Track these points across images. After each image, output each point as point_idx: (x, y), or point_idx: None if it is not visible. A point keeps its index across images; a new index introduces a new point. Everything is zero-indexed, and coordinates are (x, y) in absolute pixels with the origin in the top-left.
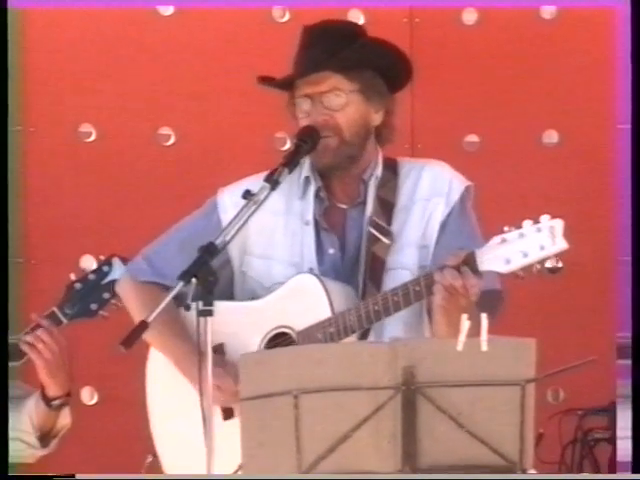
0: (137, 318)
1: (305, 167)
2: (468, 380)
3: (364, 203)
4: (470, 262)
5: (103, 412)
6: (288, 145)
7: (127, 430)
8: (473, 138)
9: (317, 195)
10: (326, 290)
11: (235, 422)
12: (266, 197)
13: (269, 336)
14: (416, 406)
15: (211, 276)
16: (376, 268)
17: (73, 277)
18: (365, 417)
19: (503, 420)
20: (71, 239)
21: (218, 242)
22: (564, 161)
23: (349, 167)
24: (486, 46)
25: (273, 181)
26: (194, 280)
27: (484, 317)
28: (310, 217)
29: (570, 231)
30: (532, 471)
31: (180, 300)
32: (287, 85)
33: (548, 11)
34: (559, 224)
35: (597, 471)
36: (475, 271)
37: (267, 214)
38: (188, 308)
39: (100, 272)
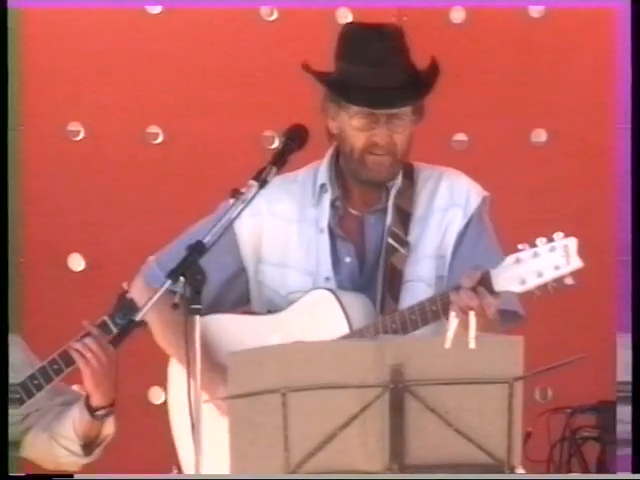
0: (152, 324)
1: (321, 174)
2: (456, 378)
3: (384, 210)
4: (485, 282)
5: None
6: (276, 143)
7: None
8: (462, 137)
9: (333, 204)
10: (342, 306)
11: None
12: (254, 195)
13: None
14: (404, 404)
15: (199, 275)
16: (394, 280)
17: (125, 286)
18: (353, 415)
19: (491, 418)
20: (59, 237)
21: (206, 240)
22: (553, 160)
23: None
24: (474, 45)
25: (261, 179)
26: (182, 279)
27: (472, 314)
28: (325, 225)
29: (564, 231)
30: (520, 469)
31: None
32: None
33: (536, 10)
34: (573, 242)
35: (585, 470)
36: (490, 291)
37: (280, 221)
38: (176, 307)
39: None
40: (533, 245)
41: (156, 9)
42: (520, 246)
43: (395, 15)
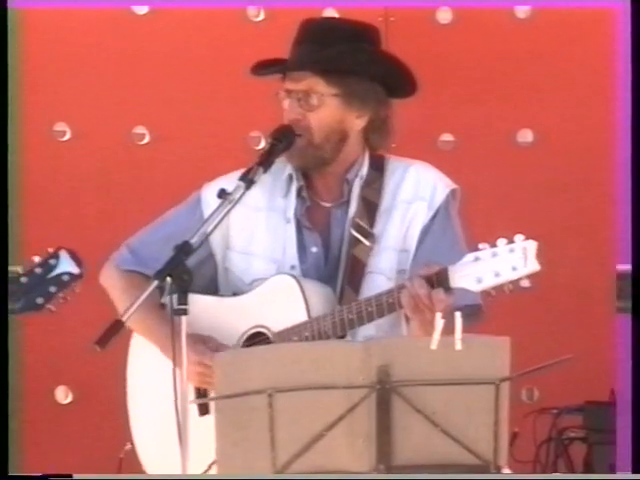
0: (120, 306)
1: (289, 165)
2: (443, 379)
3: (348, 203)
4: (442, 278)
5: (78, 411)
6: (263, 144)
7: (103, 429)
8: (448, 137)
9: (299, 194)
10: (303, 293)
11: (210, 419)
12: (241, 196)
13: (247, 334)
14: (391, 405)
15: (186, 275)
16: (356, 271)
17: (20, 271)
18: (339, 416)
19: (478, 419)
20: (45, 238)
21: (194, 241)
22: (539, 160)
23: (323, 168)
24: (461, 45)
25: (248, 180)
26: (169, 279)
27: (458, 315)
28: (291, 215)
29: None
30: (506, 470)
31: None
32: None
33: (522, 10)
34: (532, 245)
35: (571, 470)
36: (446, 288)
37: (249, 210)
38: (163, 307)
39: (47, 265)
40: (493, 245)
41: (143, 9)
42: (480, 245)
43: (382, 15)
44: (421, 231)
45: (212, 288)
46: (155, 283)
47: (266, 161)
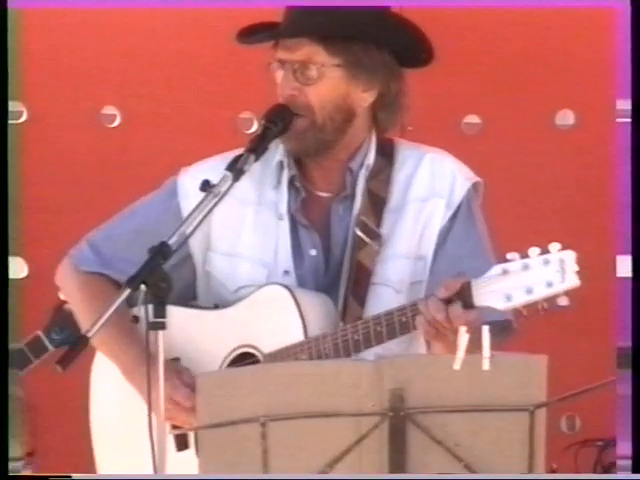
0: (80, 314)
1: (279, 150)
2: (467, 405)
3: (352, 197)
4: (465, 295)
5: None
6: (255, 127)
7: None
8: (474, 119)
9: (292, 184)
10: (299, 308)
11: (190, 454)
12: (228, 188)
13: (232, 356)
14: (405, 435)
15: (163, 282)
16: (360, 280)
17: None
18: (346, 449)
19: (509, 452)
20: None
21: (172, 242)
22: (582, 146)
23: (324, 154)
24: (488, 19)
25: (236, 170)
26: (143, 287)
27: (486, 330)
28: (284, 210)
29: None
30: None
31: (131, 301)
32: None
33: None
34: (570, 257)
35: None
36: (469, 305)
37: (235, 204)
38: (136, 320)
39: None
40: (524, 255)
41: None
42: (509, 255)
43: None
44: (439, 234)
45: (189, 296)
46: (127, 291)
47: (259, 147)
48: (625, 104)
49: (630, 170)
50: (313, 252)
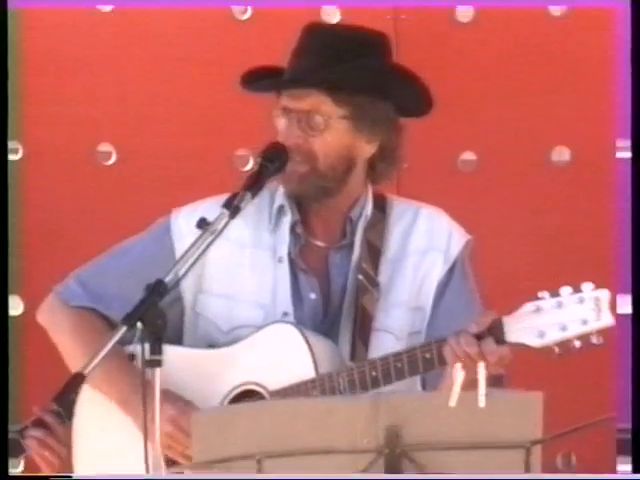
0: (69, 351)
1: (279, 194)
2: (463, 442)
3: (350, 246)
4: (496, 331)
5: None
6: (251, 165)
7: None
8: (469, 156)
9: (292, 230)
10: (309, 344)
11: None
12: (224, 226)
13: (234, 394)
14: (402, 473)
15: (160, 319)
16: (364, 324)
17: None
18: None
19: None
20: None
21: (168, 280)
22: (577, 182)
23: (324, 201)
24: (484, 48)
25: (233, 207)
26: (140, 325)
27: (482, 367)
28: (284, 254)
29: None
30: None
31: (124, 339)
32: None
33: (557, 8)
34: (605, 295)
35: None
36: (501, 341)
37: (229, 245)
38: (132, 357)
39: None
40: (555, 294)
41: (106, 7)
42: (540, 294)
43: (391, 13)
44: (437, 287)
45: (174, 338)
46: (123, 329)
47: (255, 185)
48: (624, 141)
49: (630, 207)
50: (313, 296)
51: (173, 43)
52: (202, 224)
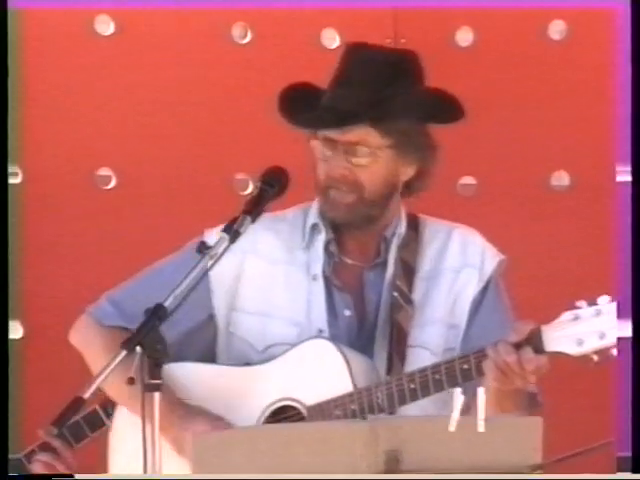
0: (100, 367)
1: (312, 212)
2: (462, 467)
3: (384, 264)
4: (534, 340)
5: None
6: (250, 188)
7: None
8: (469, 180)
9: (326, 248)
10: (346, 360)
11: None
12: (224, 251)
13: (271, 409)
14: None
15: (159, 344)
16: (400, 341)
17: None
18: None
19: None
20: None
21: (168, 304)
22: (576, 206)
23: (366, 227)
24: (483, 72)
25: (233, 232)
26: (139, 349)
27: (481, 392)
28: (319, 271)
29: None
30: None
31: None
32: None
33: (556, 30)
34: None
35: None
36: (540, 350)
37: (264, 263)
38: (132, 382)
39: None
40: (593, 303)
41: (108, 29)
42: (578, 303)
43: (391, 37)
44: (471, 304)
45: (207, 357)
46: (123, 353)
47: (254, 209)
48: (623, 166)
49: (630, 231)
50: (347, 312)
51: (173, 67)
52: (202, 247)
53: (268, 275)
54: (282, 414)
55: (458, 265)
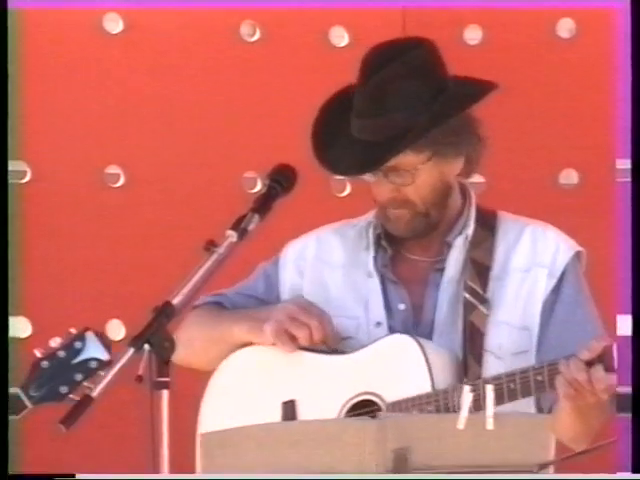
0: (186, 335)
1: (371, 213)
2: (471, 465)
3: (444, 262)
4: (607, 358)
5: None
6: (259, 187)
7: (106, 427)
8: (477, 178)
9: (378, 243)
10: (427, 360)
11: None
12: (231, 248)
13: (352, 402)
14: None
15: (167, 342)
16: (475, 342)
17: (39, 354)
18: None
19: None
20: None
21: (176, 302)
22: (584, 205)
23: (429, 233)
24: (492, 71)
25: (240, 230)
26: (147, 347)
27: (489, 389)
28: (372, 268)
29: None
30: None
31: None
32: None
33: (566, 28)
34: None
35: None
36: (611, 369)
37: (326, 267)
38: (140, 379)
39: (71, 349)
40: None
41: (117, 27)
42: None
43: (399, 33)
44: (543, 306)
45: None
46: (131, 351)
47: (263, 207)
48: (625, 163)
49: (630, 231)
50: (402, 306)
51: (181, 66)
52: (209, 246)
53: (325, 279)
54: (362, 408)
55: (527, 265)
